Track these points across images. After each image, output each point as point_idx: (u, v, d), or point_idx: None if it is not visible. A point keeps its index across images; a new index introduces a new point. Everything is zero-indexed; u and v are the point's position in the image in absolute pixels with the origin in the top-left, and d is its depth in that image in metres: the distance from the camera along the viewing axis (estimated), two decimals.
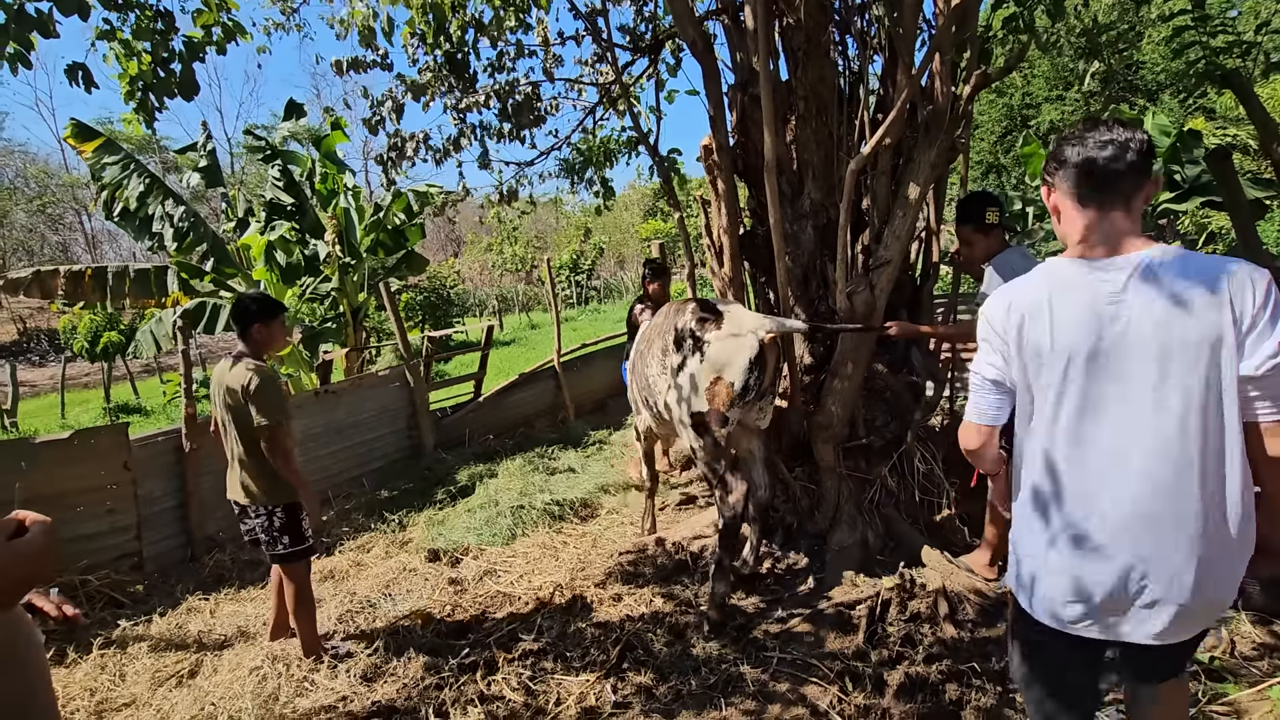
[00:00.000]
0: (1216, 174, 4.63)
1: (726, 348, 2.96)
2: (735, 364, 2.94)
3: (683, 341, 3.10)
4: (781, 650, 2.80)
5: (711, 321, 3.02)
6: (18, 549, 0.99)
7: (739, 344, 2.95)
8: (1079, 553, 1.44)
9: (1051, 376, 1.45)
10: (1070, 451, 1.45)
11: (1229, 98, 13.29)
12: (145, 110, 3.23)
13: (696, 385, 3.03)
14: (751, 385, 2.98)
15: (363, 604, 3.74)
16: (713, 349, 2.98)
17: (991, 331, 1.55)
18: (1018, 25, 3.55)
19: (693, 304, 3.21)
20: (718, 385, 2.97)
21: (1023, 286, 1.53)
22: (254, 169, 28.32)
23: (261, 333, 3.05)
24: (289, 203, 8.18)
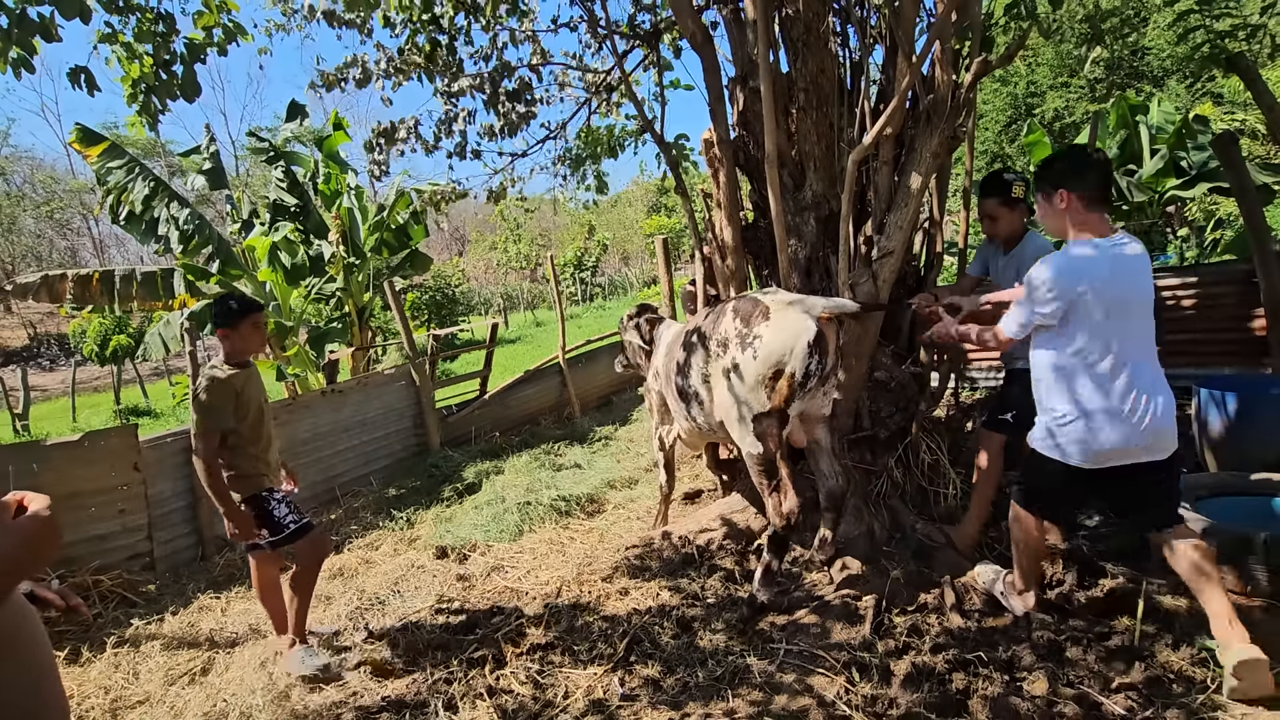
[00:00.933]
0: (1223, 159, 4.60)
1: (781, 336, 2.76)
2: (795, 351, 2.75)
3: (728, 341, 2.92)
4: (788, 641, 2.80)
5: (758, 314, 2.85)
6: (20, 528, 0.96)
7: (794, 329, 2.76)
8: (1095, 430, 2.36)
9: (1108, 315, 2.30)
10: (1114, 364, 2.33)
11: (1236, 82, 13.15)
12: (148, 112, 3.25)
13: (754, 385, 2.82)
14: (813, 371, 2.82)
15: (372, 600, 3.77)
16: (766, 341, 2.78)
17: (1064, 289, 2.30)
18: (1019, 12, 3.52)
19: (733, 303, 3.01)
20: (778, 380, 2.78)
21: (1087, 260, 2.31)
22: (258, 171, 28.41)
23: (230, 337, 3.01)
24: (293, 203, 8.22)
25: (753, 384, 2.84)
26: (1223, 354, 5.61)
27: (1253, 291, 5.23)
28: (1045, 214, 2.49)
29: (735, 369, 2.89)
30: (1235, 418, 3.70)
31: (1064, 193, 2.38)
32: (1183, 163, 8.87)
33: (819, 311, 2.82)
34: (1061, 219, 2.43)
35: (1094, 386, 2.34)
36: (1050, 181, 2.43)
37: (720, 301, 3.35)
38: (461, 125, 4.75)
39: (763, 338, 2.81)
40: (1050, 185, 2.43)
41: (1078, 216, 2.39)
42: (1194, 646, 2.49)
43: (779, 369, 2.78)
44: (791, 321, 2.79)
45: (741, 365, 2.86)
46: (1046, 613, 2.79)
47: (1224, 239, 8.92)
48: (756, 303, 2.92)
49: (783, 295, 2.97)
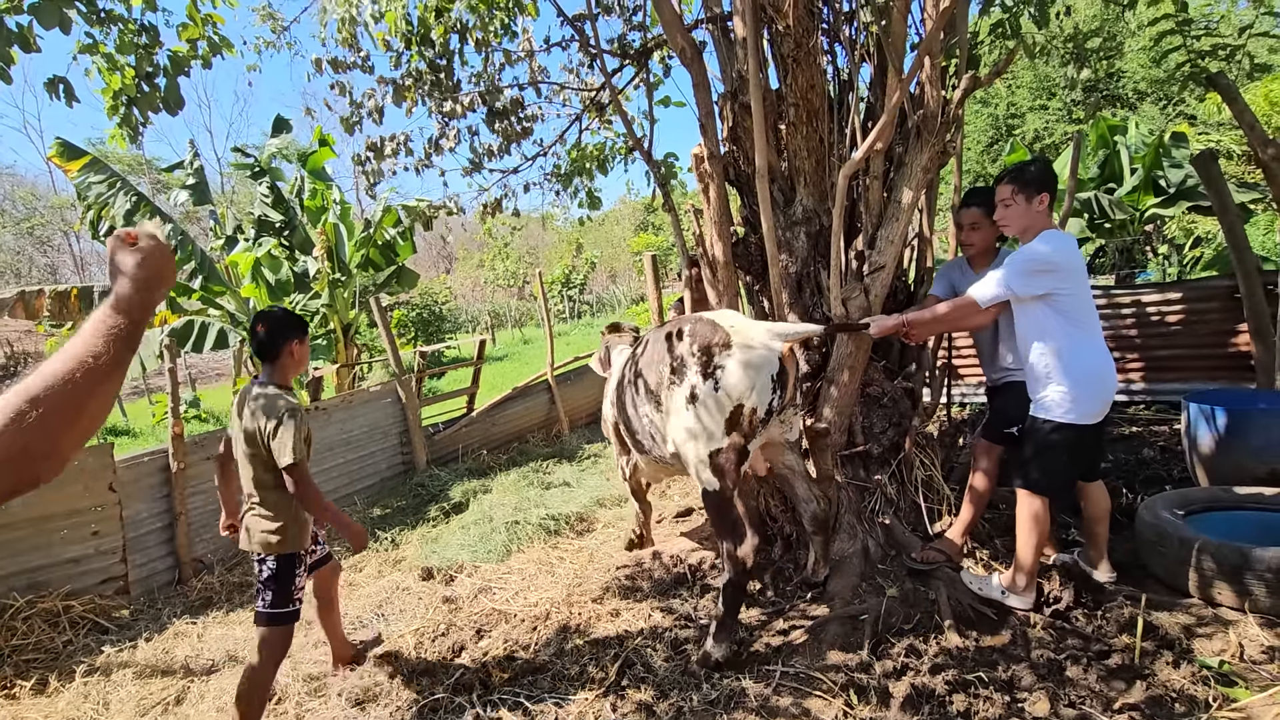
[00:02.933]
0: (1204, 176, 4.67)
1: (744, 369, 2.63)
2: (758, 386, 2.63)
3: (686, 369, 2.73)
4: (784, 663, 2.74)
5: (718, 342, 2.70)
6: (143, 250, 1.09)
7: (757, 363, 2.65)
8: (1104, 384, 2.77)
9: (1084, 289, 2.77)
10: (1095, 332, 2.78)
11: (1210, 104, 13.50)
12: (129, 125, 3.18)
13: (714, 418, 2.67)
14: (775, 407, 2.73)
15: (354, 625, 3.66)
16: (728, 373, 2.64)
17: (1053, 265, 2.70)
18: (1004, 31, 3.57)
19: (689, 324, 2.83)
20: (739, 414, 2.65)
21: (1069, 243, 2.77)
22: (244, 188, 28.26)
23: (298, 351, 2.72)
24: (278, 219, 8.14)
25: (712, 417, 2.67)
26: (1208, 369, 5.67)
27: (1236, 307, 5.30)
28: (1022, 213, 2.82)
29: (693, 400, 2.71)
30: (1225, 432, 3.71)
31: (1045, 195, 2.79)
32: (1161, 181, 9.03)
33: (781, 343, 2.71)
34: (1037, 218, 2.80)
35: (1095, 350, 2.75)
36: (1035, 185, 2.79)
37: (675, 319, 3.13)
38: (453, 143, 4.74)
39: (724, 369, 2.65)
40: (1035, 188, 2.78)
41: (1046, 216, 2.82)
42: (1194, 664, 2.46)
43: (741, 403, 2.65)
44: (754, 355, 2.66)
45: (701, 396, 2.69)
46: (1048, 625, 2.76)
47: (1204, 256, 9.07)
48: (715, 328, 2.74)
49: (741, 322, 2.82)
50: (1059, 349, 2.74)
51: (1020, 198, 2.80)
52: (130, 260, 1.07)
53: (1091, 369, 2.75)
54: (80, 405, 0.93)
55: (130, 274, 1.06)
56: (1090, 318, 2.78)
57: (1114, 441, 5.11)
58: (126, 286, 1.05)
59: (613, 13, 4.75)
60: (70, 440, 0.93)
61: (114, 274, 1.07)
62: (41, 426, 0.89)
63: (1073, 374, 2.73)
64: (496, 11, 4.23)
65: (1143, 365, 5.99)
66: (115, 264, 1.07)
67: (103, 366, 0.96)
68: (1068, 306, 2.73)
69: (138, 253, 1.08)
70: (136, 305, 1.05)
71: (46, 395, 0.90)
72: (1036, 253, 2.70)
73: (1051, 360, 2.77)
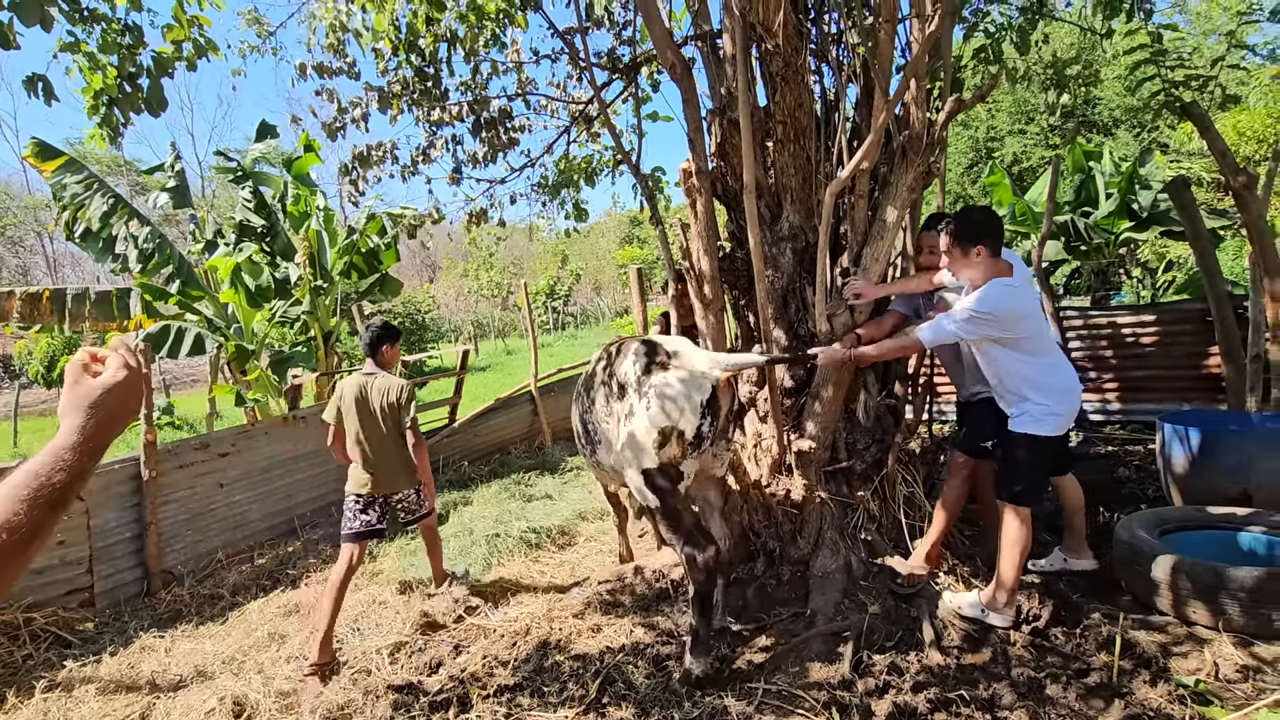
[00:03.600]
0: (1177, 202, 4.79)
1: (676, 392, 2.69)
2: (687, 410, 2.68)
3: (626, 388, 2.81)
4: (766, 680, 2.72)
5: (657, 364, 2.76)
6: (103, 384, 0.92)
7: (690, 387, 2.69)
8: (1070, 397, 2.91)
9: (1040, 323, 2.94)
10: (1056, 356, 2.96)
11: (1182, 133, 13.90)
12: (109, 125, 3.12)
13: (647, 437, 2.72)
14: (705, 433, 2.75)
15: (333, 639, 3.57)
16: (659, 393, 2.70)
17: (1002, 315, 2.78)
18: (987, 56, 3.65)
19: (635, 344, 2.91)
20: (668, 435, 2.69)
21: (1009, 296, 2.79)
22: (225, 193, 27.91)
23: (389, 353, 3.82)
24: (260, 224, 8.03)
25: (643, 437, 2.73)
26: (1181, 390, 5.78)
27: (1207, 330, 5.42)
28: (961, 264, 2.88)
29: (630, 417, 2.78)
30: (1198, 453, 3.77)
31: (980, 247, 2.81)
32: (1134, 206, 9.25)
33: (720, 371, 2.75)
34: (978, 268, 2.84)
35: (1058, 370, 2.92)
36: (969, 238, 2.82)
37: (627, 338, 3.25)
38: (439, 152, 4.72)
39: (655, 388, 2.71)
40: (969, 241, 2.82)
41: (989, 265, 2.83)
42: (1171, 683, 2.48)
43: (671, 426, 2.70)
44: (687, 379, 2.71)
45: (636, 415, 2.75)
46: (1027, 643, 2.78)
47: (1176, 280, 9.29)
48: (656, 348, 2.81)
49: (687, 347, 2.88)
50: (1024, 379, 2.89)
51: (956, 250, 2.88)
52: (95, 388, 0.91)
53: (1058, 386, 2.88)
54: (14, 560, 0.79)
55: (93, 403, 0.89)
56: (1044, 346, 2.91)
57: (1090, 461, 5.18)
58: (83, 419, 0.88)
59: (603, 27, 4.78)
60: None
61: (72, 403, 0.90)
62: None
63: (1045, 392, 2.87)
64: (487, 22, 4.23)
65: (1118, 386, 6.10)
66: (75, 391, 0.90)
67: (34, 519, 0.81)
68: (1022, 345, 2.86)
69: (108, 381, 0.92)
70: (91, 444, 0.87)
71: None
72: (987, 304, 2.77)
73: (1020, 383, 2.91)
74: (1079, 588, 3.28)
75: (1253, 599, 2.71)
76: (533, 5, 4.20)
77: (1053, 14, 4.66)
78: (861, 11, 3.32)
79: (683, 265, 3.86)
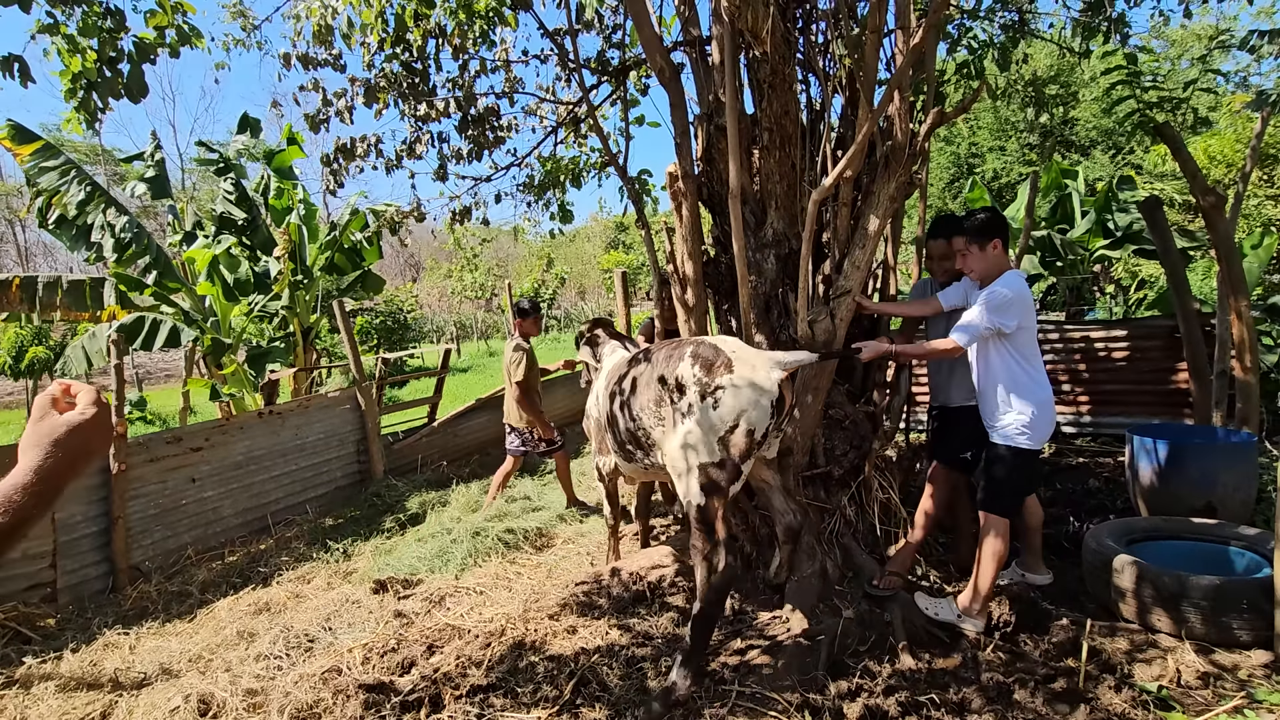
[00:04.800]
0: (1150, 221, 4.91)
1: (744, 395, 2.70)
2: (757, 410, 2.70)
3: (686, 387, 2.80)
4: (740, 683, 2.72)
5: (720, 364, 2.77)
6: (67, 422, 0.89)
7: (757, 388, 2.71)
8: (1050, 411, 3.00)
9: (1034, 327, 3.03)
10: (1042, 366, 3.03)
11: (1155, 155, 14.25)
12: (87, 109, 3.06)
13: (710, 437, 2.72)
14: (772, 430, 2.80)
15: (300, 638, 3.52)
16: (728, 397, 2.70)
17: (1021, 304, 2.92)
18: (969, 71, 3.72)
19: (691, 346, 2.91)
20: (735, 435, 2.70)
21: (1025, 283, 2.99)
22: (205, 185, 27.45)
23: (521, 325, 5.31)
24: (241, 217, 7.93)
25: (707, 435, 2.73)
26: (1150, 404, 5.91)
27: (1176, 346, 5.56)
28: (978, 259, 3.07)
29: (690, 414, 2.77)
30: (1165, 465, 3.86)
31: (996, 240, 3.03)
32: (1110, 224, 9.47)
33: (782, 370, 2.78)
34: (994, 262, 3.04)
35: (1042, 381, 3.00)
36: (986, 233, 3.03)
37: (678, 340, 3.24)
38: (425, 148, 4.70)
39: (725, 390, 2.71)
40: (986, 236, 3.03)
41: (1003, 259, 3.05)
42: (1134, 689, 2.53)
43: (737, 425, 2.71)
44: (756, 378, 2.73)
45: (699, 415, 2.74)
46: (997, 649, 2.82)
47: (1147, 297, 9.50)
48: (718, 351, 2.82)
49: (743, 348, 2.90)
50: (1014, 382, 2.98)
51: (974, 247, 3.05)
52: (60, 424, 0.88)
53: (1043, 400, 2.97)
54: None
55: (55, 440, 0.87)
56: (1037, 353, 3.03)
57: (1061, 472, 5.28)
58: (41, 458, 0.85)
59: (592, 29, 4.80)
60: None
61: (33, 439, 0.87)
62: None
63: (1029, 404, 2.95)
64: (476, 20, 4.22)
65: (1089, 399, 6.22)
66: (39, 426, 0.88)
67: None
68: (1022, 343, 2.97)
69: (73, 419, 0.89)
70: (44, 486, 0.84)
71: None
72: (1004, 292, 2.93)
73: (1008, 392, 3.00)
74: (1048, 595, 3.34)
75: (1213, 607, 2.78)
76: (523, 5, 4.21)
77: (1033, 33, 4.78)
78: (848, 23, 3.37)
79: (668, 269, 3.88)
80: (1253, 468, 3.86)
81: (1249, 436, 4.09)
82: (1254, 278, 7.05)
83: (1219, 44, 4.42)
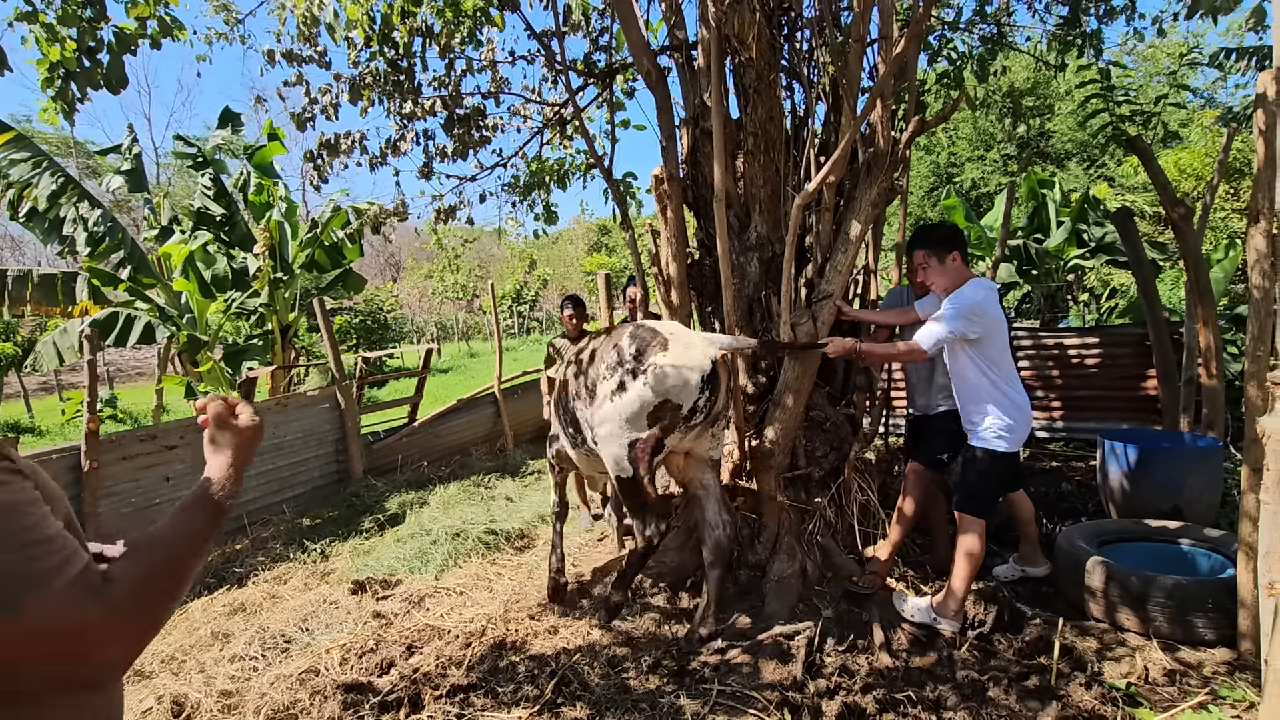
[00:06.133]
0: (1121, 231, 5.04)
1: (676, 367, 2.79)
2: (687, 385, 2.80)
3: (622, 364, 2.90)
4: (720, 682, 2.75)
5: (655, 342, 2.87)
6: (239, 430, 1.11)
7: (689, 362, 2.80)
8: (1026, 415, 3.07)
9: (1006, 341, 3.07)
10: (1015, 372, 3.07)
11: (1127, 167, 14.61)
12: (64, 99, 3.01)
13: (638, 410, 2.81)
14: (700, 407, 2.87)
15: (276, 639, 3.47)
16: (659, 370, 2.78)
17: (983, 311, 2.95)
18: (949, 81, 3.79)
19: (630, 327, 3.04)
20: (662, 409, 2.82)
21: (991, 292, 3.03)
22: (181, 181, 26.96)
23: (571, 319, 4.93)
24: (219, 213, 7.81)
25: (635, 410, 2.83)
26: (1120, 409, 6.05)
27: (1146, 353, 5.70)
28: (939, 274, 3.13)
29: (620, 390, 2.87)
30: (1134, 468, 3.96)
31: (955, 253, 3.10)
32: (1084, 235, 9.68)
33: (717, 349, 2.88)
34: (954, 273, 3.11)
35: (1016, 386, 3.06)
36: (944, 246, 3.10)
37: (618, 325, 3.35)
38: (409, 146, 4.68)
39: (656, 365, 2.81)
40: (944, 249, 3.10)
41: (963, 269, 3.11)
42: (1104, 686, 2.59)
43: (666, 400, 2.80)
44: (688, 355, 2.83)
45: (629, 390, 2.85)
46: (972, 647, 2.87)
47: (1119, 306, 9.73)
48: (655, 333, 2.92)
49: (680, 330, 3.02)
50: (988, 388, 3.04)
51: (933, 259, 3.12)
52: (239, 430, 1.10)
53: (1018, 404, 3.04)
54: (173, 592, 0.92)
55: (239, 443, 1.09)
56: (1009, 359, 3.08)
57: (1035, 475, 5.39)
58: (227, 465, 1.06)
59: (579, 32, 4.81)
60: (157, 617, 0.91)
61: (222, 442, 1.08)
62: None
63: (1005, 408, 3.02)
64: (464, 19, 4.22)
65: (1062, 404, 6.35)
66: (216, 435, 1.09)
67: (198, 549, 0.98)
68: (992, 350, 3.02)
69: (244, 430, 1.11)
70: (229, 484, 1.06)
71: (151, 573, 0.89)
72: (970, 299, 2.98)
73: (983, 397, 3.06)
74: (1021, 595, 3.41)
75: (1179, 606, 2.86)
76: (510, 5, 4.21)
77: (1011, 46, 4.89)
78: (833, 31, 3.43)
79: (651, 271, 3.90)
80: (1218, 472, 3.97)
81: (1215, 441, 4.21)
82: (1220, 288, 7.26)
83: (1189, 61, 4.56)
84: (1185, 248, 4.51)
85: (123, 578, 0.83)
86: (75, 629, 0.77)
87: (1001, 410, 3.02)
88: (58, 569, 0.77)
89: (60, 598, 0.76)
